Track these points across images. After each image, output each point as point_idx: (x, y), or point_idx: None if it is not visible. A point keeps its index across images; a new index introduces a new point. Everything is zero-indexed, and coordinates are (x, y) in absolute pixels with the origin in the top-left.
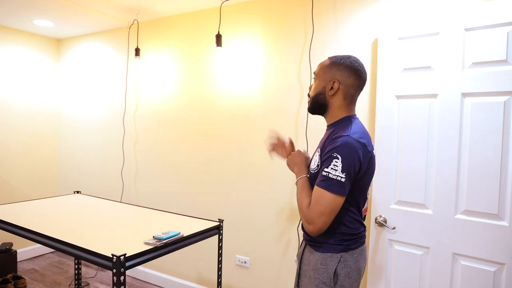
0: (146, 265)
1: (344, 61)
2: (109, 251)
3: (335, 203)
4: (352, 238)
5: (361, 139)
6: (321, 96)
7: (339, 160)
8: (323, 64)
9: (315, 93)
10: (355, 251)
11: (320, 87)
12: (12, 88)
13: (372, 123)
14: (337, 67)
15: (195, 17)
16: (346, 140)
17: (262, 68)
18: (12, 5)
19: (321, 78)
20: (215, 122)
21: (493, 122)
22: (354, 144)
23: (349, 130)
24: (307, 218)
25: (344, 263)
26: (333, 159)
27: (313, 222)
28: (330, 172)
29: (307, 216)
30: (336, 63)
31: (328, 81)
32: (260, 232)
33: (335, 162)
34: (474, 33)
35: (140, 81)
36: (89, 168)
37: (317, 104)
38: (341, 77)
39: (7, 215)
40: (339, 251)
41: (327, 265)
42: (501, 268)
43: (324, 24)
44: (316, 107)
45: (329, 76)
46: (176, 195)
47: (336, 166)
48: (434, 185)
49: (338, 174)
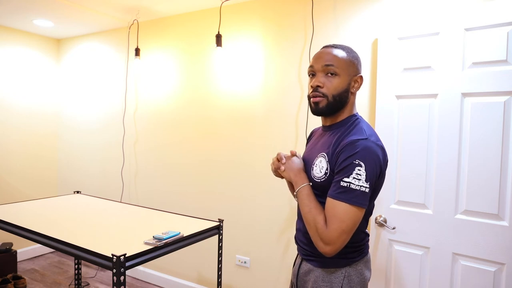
0: (146, 265)
1: (357, 54)
2: (109, 251)
3: (357, 218)
4: (356, 250)
5: (379, 142)
6: (346, 93)
7: (362, 168)
8: (342, 57)
9: (341, 90)
10: (359, 263)
11: (345, 83)
12: (12, 88)
13: (372, 123)
14: (356, 60)
15: (195, 17)
16: (366, 144)
17: (262, 68)
18: (12, 5)
19: (345, 73)
20: (215, 122)
21: (493, 122)
22: (374, 148)
23: (365, 132)
24: (325, 239)
25: (348, 278)
26: (355, 167)
27: (332, 243)
28: (352, 182)
29: (326, 236)
30: (352, 55)
31: (353, 75)
32: (260, 232)
33: (358, 171)
34: (474, 33)
35: (140, 81)
36: (89, 168)
37: (340, 103)
38: (361, 72)
39: (7, 215)
40: (343, 266)
41: (332, 283)
42: (501, 268)
43: (324, 24)
44: (337, 106)
45: (354, 70)
46: (176, 195)
47: (359, 175)
48: (434, 185)
49: (361, 184)
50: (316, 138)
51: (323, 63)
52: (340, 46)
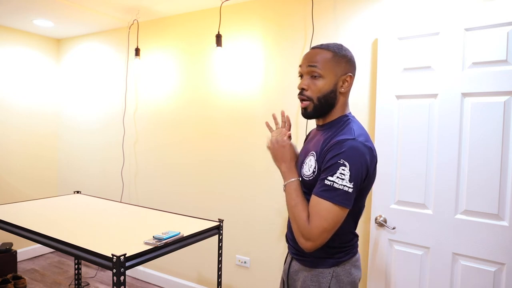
0: (146, 265)
1: (346, 53)
2: (109, 251)
3: (339, 217)
4: (343, 250)
5: (367, 142)
6: (333, 94)
7: (346, 168)
8: (326, 57)
9: (326, 91)
10: (347, 263)
11: (331, 84)
12: (12, 88)
13: (372, 123)
14: (344, 59)
15: (195, 17)
16: (353, 144)
17: (262, 68)
18: (12, 5)
19: (330, 73)
20: (215, 122)
21: (493, 122)
22: (361, 149)
23: (353, 132)
24: (306, 235)
25: (336, 278)
26: (339, 166)
27: (312, 239)
28: (335, 182)
29: (307, 232)
30: (340, 54)
31: (340, 75)
32: (260, 232)
33: (342, 170)
34: (474, 33)
35: (140, 81)
36: (89, 168)
37: (327, 105)
38: (352, 70)
39: (7, 215)
40: (331, 266)
41: (319, 283)
42: (501, 268)
43: (324, 24)
44: (325, 108)
45: (341, 70)
46: (176, 195)
47: (343, 174)
48: (434, 185)
49: (345, 184)
50: (311, 137)
51: (307, 64)
52: (328, 45)
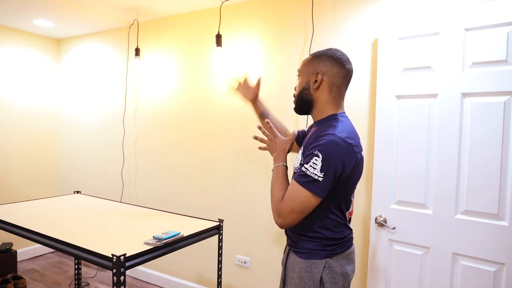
0: (146, 265)
1: (326, 53)
2: (109, 251)
3: (309, 203)
4: (337, 242)
5: (348, 138)
6: (306, 91)
7: (319, 158)
8: (305, 60)
9: (300, 89)
10: (340, 255)
11: (304, 82)
12: (12, 88)
13: (372, 123)
14: (318, 59)
15: (195, 17)
16: (331, 139)
17: (262, 68)
18: (12, 5)
19: (304, 73)
20: (215, 122)
21: (493, 122)
22: (339, 143)
23: (336, 129)
24: (277, 212)
25: (329, 268)
26: (313, 156)
27: (282, 217)
28: (308, 169)
29: (279, 209)
30: (317, 55)
31: (311, 74)
32: (260, 232)
33: (315, 160)
34: (474, 33)
35: (140, 81)
36: (89, 168)
37: (302, 102)
38: (324, 68)
39: (7, 215)
40: (323, 257)
41: (312, 273)
42: (501, 268)
43: (324, 24)
44: (302, 105)
45: (312, 69)
46: (176, 195)
47: (315, 164)
48: (434, 185)
49: (316, 172)
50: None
51: None
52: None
